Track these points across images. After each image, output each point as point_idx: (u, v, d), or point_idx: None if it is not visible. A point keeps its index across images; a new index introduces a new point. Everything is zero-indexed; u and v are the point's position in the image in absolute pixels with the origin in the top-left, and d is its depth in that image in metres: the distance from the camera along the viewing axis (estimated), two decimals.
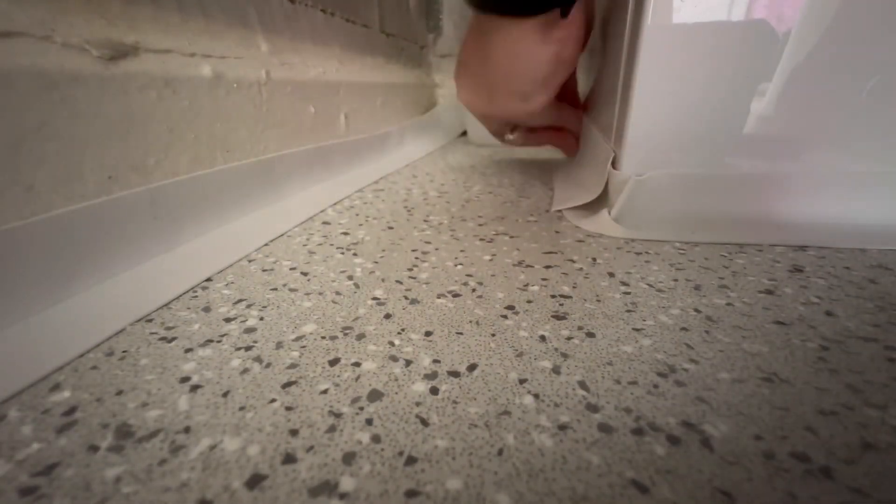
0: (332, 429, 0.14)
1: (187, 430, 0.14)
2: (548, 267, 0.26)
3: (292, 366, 0.17)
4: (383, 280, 0.25)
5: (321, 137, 0.45)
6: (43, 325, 0.19)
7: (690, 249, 0.28)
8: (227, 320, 0.20)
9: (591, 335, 0.19)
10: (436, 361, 0.17)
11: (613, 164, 0.33)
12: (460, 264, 0.27)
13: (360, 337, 0.19)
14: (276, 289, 0.23)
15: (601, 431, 0.14)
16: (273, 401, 0.15)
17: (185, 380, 0.16)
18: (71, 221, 0.21)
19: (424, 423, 0.14)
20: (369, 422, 0.14)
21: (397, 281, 0.24)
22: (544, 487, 0.12)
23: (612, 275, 0.25)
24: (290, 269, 0.26)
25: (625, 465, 0.13)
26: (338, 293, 0.23)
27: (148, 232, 0.25)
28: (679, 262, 0.26)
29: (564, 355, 0.18)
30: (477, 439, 0.14)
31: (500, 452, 0.13)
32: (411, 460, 0.13)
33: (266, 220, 0.33)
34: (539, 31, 0.32)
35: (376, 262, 0.27)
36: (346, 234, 0.32)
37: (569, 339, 0.19)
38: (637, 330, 0.19)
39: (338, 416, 0.15)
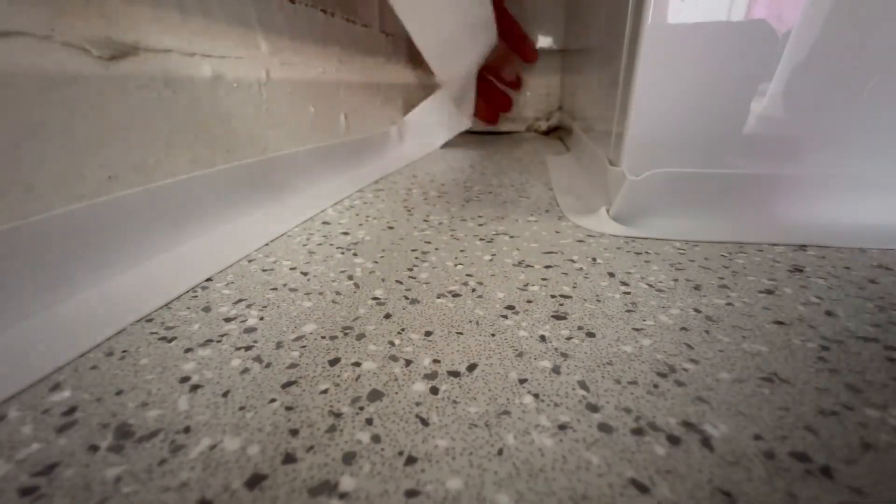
0: (332, 429, 0.14)
1: (187, 429, 0.14)
2: (548, 267, 0.26)
3: (292, 366, 0.17)
4: (383, 280, 0.25)
5: (321, 137, 0.45)
6: (43, 325, 0.19)
7: (690, 249, 0.28)
8: (227, 320, 0.20)
9: (591, 335, 0.19)
10: (436, 361, 0.17)
11: (612, 163, 0.33)
12: (460, 264, 0.27)
13: (360, 337, 0.19)
14: (276, 289, 0.23)
15: (601, 431, 0.14)
16: (273, 401, 0.15)
17: (185, 380, 0.16)
18: (71, 221, 0.21)
19: (424, 422, 0.14)
20: (369, 421, 0.14)
21: (397, 281, 0.24)
22: (544, 487, 0.12)
23: (612, 275, 0.25)
24: (291, 268, 0.26)
25: (625, 464, 0.13)
26: (338, 293, 0.23)
27: (148, 232, 0.25)
28: (679, 262, 0.26)
29: (564, 355, 0.18)
30: (477, 439, 0.14)
31: (500, 452, 0.13)
32: (411, 460, 0.13)
33: (266, 220, 0.33)
34: None
35: (376, 262, 0.27)
36: (346, 233, 0.32)
37: (569, 338, 0.19)
38: (637, 330, 0.19)
39: (338, 415, 0.15)
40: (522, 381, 0.16)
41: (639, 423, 0.14)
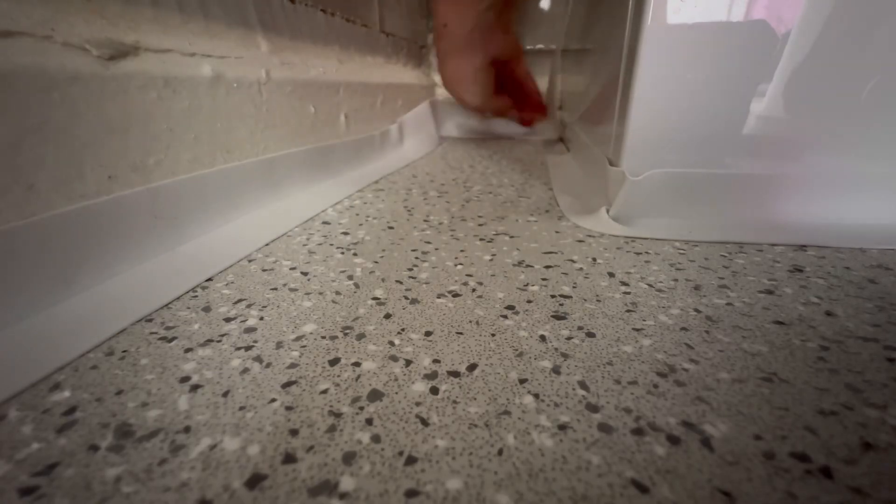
0: (332, 428, 0.14)
1: (187, 429, 0.14)
2: (548, 267, 0.26)
3: (292, 365, 0.17)
4: (383, 280, 0.25)
5: (321, 137, 0.45)
6: (43, 325, 0.19)
7: (690, 249, 0.28)
8: (227, 320, 0.20)
9: (591, 335, 0.19)
10: (436, 361, 0.17)
11: (612, 163, 0.33)
12: (460, 264, 0.27)
13: (360, 337, 0.19)
14: (276, 288, 0.23)
15: (601, 431, 0.14)
16: (273, 400, 0.15)
17: (185, 379, 0.16)
18: (71, 221, 0.21)
19: (424, 422, 0.14)
20: (369, 422, 0.14)
21: (397, 281, 0.24)
22: (544, 487, 0.12)
23: (612, 275, 0.25)
24: (291, 268, 0.26)
25: (625, 464, 0.13)
26: (338, 293, 0.23)
27: (148, 232, 0.25)
28: (679, 262, 0.26)
29: (564, 355, 0.18)
30: (477, 439, 0.14)
31: (500, 452, 0.13)
32: (411, 460, 0.13)
33: (266, 220, 0.33)
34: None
35: (376, 262, 0.27)
36: (346, 233, 0.32)
37: (569, 338, 0.19)
38: (637, 330, 0.19)
39: (338, 415, 0.15)
40: (522, 381, 0.16)
41: (639, 423, 0.14)
